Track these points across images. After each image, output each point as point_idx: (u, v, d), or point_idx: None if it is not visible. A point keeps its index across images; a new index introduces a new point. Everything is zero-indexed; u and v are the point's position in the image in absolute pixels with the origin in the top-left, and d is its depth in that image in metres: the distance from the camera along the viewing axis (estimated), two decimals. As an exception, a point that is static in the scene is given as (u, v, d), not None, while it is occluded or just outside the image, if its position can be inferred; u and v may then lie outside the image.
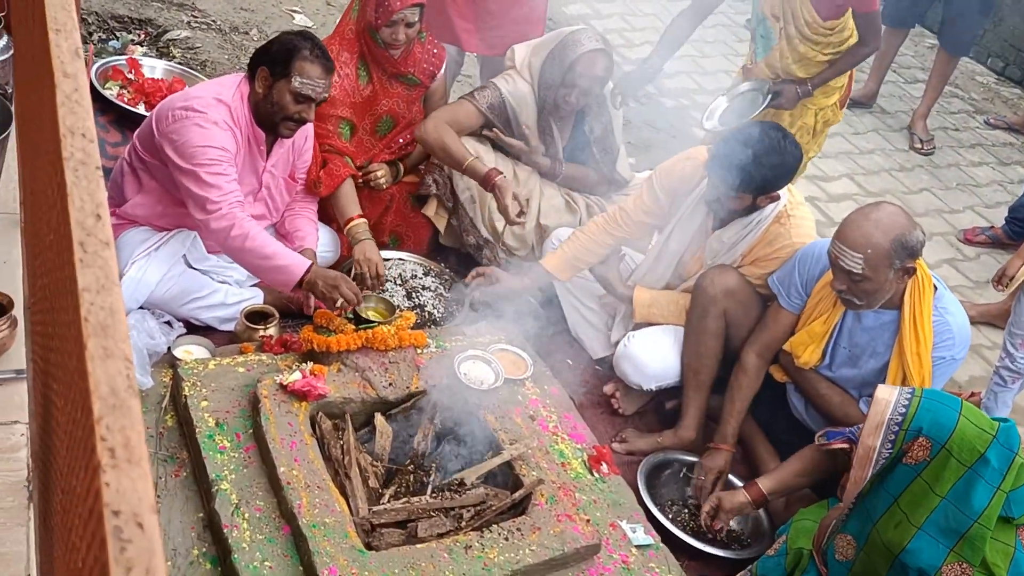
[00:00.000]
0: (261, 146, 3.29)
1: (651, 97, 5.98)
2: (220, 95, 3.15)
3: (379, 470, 2.81)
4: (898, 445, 2.37)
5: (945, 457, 2.31)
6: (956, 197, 5.87)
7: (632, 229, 3.57)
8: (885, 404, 2.41)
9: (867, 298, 2.92)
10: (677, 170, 3.45)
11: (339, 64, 3.64)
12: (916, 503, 2.36)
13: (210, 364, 2.92)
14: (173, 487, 2.62)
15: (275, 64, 3.12)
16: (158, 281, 3.20)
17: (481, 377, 3.15)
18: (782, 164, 3.13)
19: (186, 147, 3.05)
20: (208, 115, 3.07)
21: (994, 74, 7.82)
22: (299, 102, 3.13)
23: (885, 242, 2.81)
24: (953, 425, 2.32)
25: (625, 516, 2.98)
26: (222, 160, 3.08)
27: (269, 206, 3.47)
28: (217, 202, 3.05)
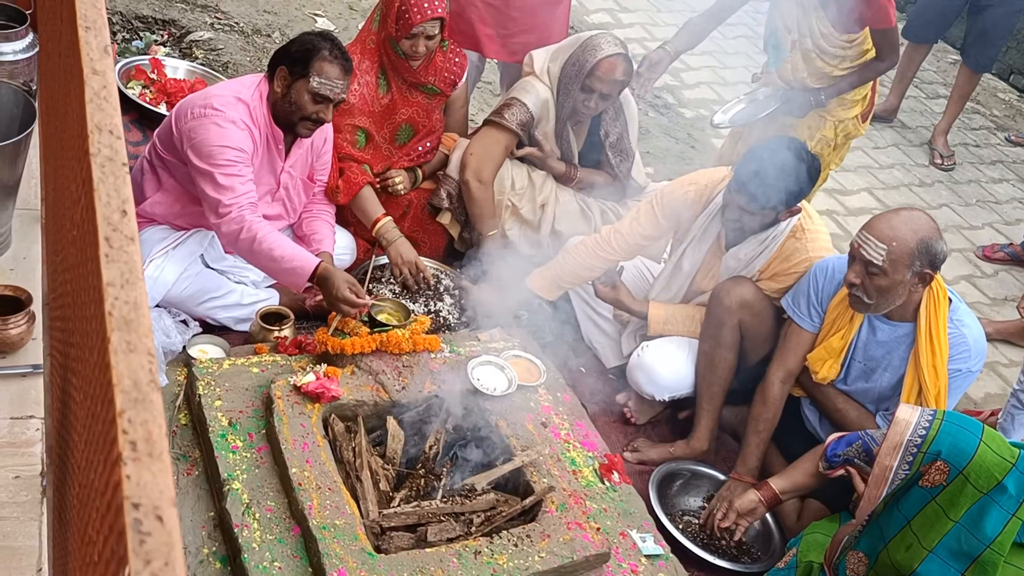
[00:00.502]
0: (280, 145, 3.30)
1: (670, 108, 5.98)
2: (240, 94, 3.16)
3: (390, 473, 2.81)
4: (915, 467, 2.35)
5: (962, 483, 2.29)
6: (975, 213, 5.84)
7: (627, 251, 3.57)
8: (905, 425, 2.39)
9: (877, 297, 2.90)
10: (679, 195, 3.45)
11: (359, 72, 3.66)
12: (929, 526, 2.34)
13: (224, 364, 2.93)
14: (185, 485, 2.63)
15: (294, 63, 3.13)
16: (175, 280, 3.22)
17: (494, 383, 3.15)
18: (803, 177, 3.12)
19: (203, 146, 3.06)
20: (226, 114, 3.09)
21: (1016, 91, 7.79)
22: (317, 102, 3.15)
23: (912, 240, 2.80)
24: (973, 451, 2.29)
25: (635, 525, 2.97)
26: (238, 161, 3.09)
27: (287, 206, 3.48)
28: (228, 205, 3.07)
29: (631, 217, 3.56)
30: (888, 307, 2.95)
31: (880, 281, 2.85)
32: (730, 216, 3.24)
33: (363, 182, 3.68)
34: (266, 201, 3.35)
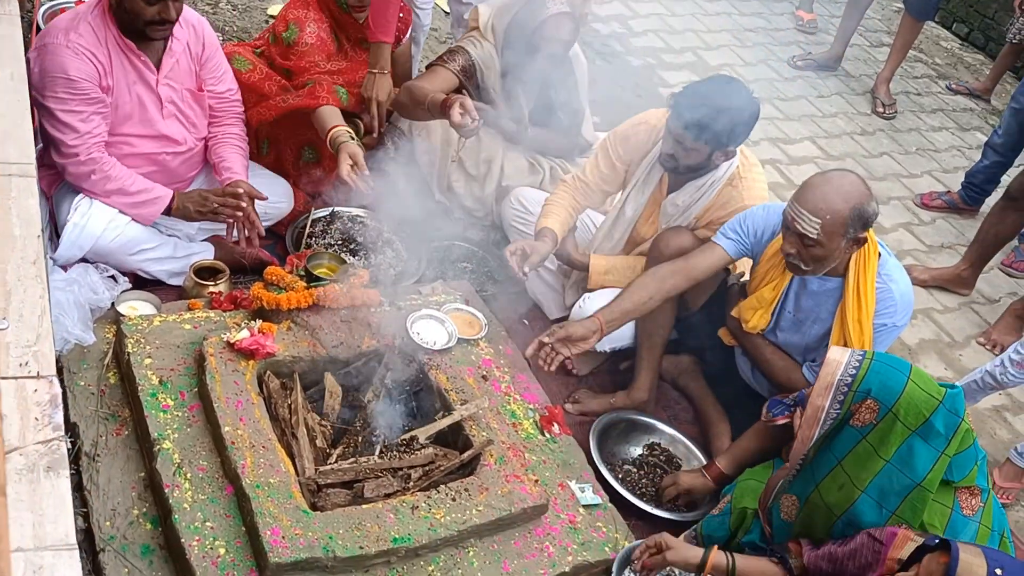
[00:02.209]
0: (142, 58, 3.12)
1: (618, 55, 5.92)
2: (79, 13, 3.01)
3: (327, 430, 2.79)
4: (846, 406, 2.39)
5: (891, 420, 2.33)
6: (915, 162, 5.90)
7: (595, 199, 3.55)
8: (836, 365, 2.42)
9: (814, 264, 2.91)
10: (631, 135, 3.42)
11: (311, 22, 3.58)
12: (860, 466, 2.38)
13: (155, 320, 2.86)
14: (114, 446, 2.58)
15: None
16: (103, 228, 3.12)
17: (434, 336, 3.13)
18: (739, 116, 3.10)
19: (41, 78, 2.94)
20: (58, 39, 2.95)
21: (958, 39, 7.84)
22: (152, 3, 2.97)
23: (844, 209, 2.79)
24: (901, 388, 2.33)
25: (575, 476, 2.99)
26: (75, 95, 2.96)
27: (183, 121, 3.33)
28: (72, 145, 2.99)
29: (590, 164, 3.54)
30: (824, 270, 2.96)
31: (816, 251, 2.86)
32: (666, 150, 3.22)
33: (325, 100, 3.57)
34: (157, 120, 3.22)
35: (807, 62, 6.52)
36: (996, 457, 3.86)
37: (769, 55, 6.57)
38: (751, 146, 5.32)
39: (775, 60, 6.53)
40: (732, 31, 6.71)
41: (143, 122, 3.19)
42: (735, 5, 7.08)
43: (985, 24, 7.69)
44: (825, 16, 7.27)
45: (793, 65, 6.50)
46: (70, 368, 2.74)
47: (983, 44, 7.73)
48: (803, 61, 6.52)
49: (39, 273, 2.27)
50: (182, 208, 3.21)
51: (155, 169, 3.29)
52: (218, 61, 3.40)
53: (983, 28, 7.72)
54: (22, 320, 2.16)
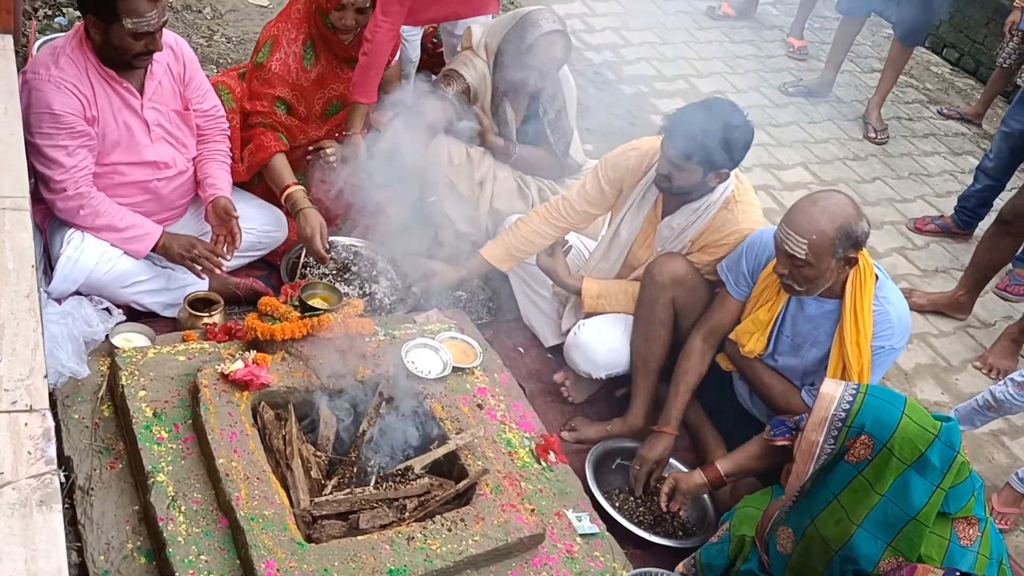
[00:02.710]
0: (125, 85, 3.13)
1: (611, 84, 5.96)
2: (58, 47, 3.03)
3: (322, 461, 2.78)
4: (840, 442, 2.38)
5: (887, 456, 2.32)
6: (908, 186, 5.92)
7: (576, 220, 3.56)
8: (830, 400, 2.41)
9: (807, 284, 2.93)
10: (622, 161, 3.44)
11: (285, 42, 3.58)
12: (857, 500, 2.37)
13: (149, 352, 2.86)
14: (108, 479, 2.57)
15: (100, 9, 2.93)
16: (96, 261, 3.13)
17: (428, 366, 3.12)
18: (732, 138, 3.13)
19: (26, 114, 2.95)
20: (40, 75, 2.97)
21: (949, 64, 7.90)
22: (140, 38, 2.98)
23: (831, 230, 2.82)
24: (896, 423, 2.32)
25: (571, 505, 2.98)
26: (61, 130, 2.98)
27: (173, 143, 3.33)
28: (60, 181, 3.01)
29: (579, 185, 3.57)
30: (819, 290, 2.98)
31: (806, 272, 2.88)
32: (660, 171, 3.23)
33: (275, 149, 3.57)
34: (146, 145, 3.23)
35: (798, 88, 6.56)
36: (994, 482, 3.85)
37: (760, 82, 6.61)
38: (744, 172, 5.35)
39: (766, 87, 6.57)
40: (723, 58, 6.76)
41: (131, 149, 3.20)
42: (726, 33, 7.14)
43: (975, 49, 7.75)
44: (816, 43, 7.33)
45: (784, 91, 6.54)
46: (64, 401, 2.74)
47: (973, 69, 7.79)
48: (794, 87, 6.57)
49: (32, 306, 2.28)
50: (167, 248, 3.24)
51: (147, 198, 3.29)
52: (200, 80, 3.42)
53: (973, 53, 7.78)
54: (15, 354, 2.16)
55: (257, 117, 3.60)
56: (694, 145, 3.09)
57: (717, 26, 7.18)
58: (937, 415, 2.39)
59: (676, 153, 3.13)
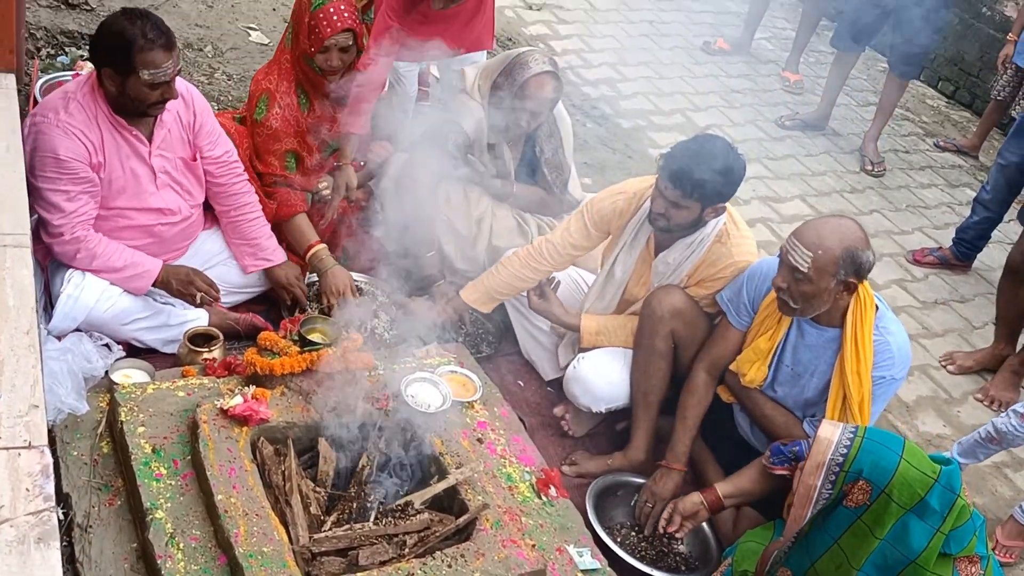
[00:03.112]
0: (134, 133, 3.16)
1: (608, 118, 6.00)
2: (68, 92, 3.07)
3: (321, 496, 2.77)
4: (838, 486, 2.36)
5: (885, 501, 2.31)
6: (906, 218, 5.94)
7: (559, 262, 3.58)
8: (827, 444, 2.40)
9: (802, 302, 2.94)
10: (609, 205, 3.47)
11: (279, 94, 3.63)
12: (857, 545, 2.35)
13: (148, 388, 2.86)
14: (107, 516, 2.56)
15: (117, 62, 2.97)
16: (96, 299, 3.13)
17: (428, 400, 3.11)
18: (728, 172, 3.15)
19: (31, 157, 2.98)
20: (49, 119, 2.99)
21: (944, 97, 7.96)
22: (157, 88, 3.02)
23: (837, 248, 2.84)
24: (894, 468, 2.31)
25: (573, 540, 2.96)
26: (63, 175, 3.00)
27: (179, 191, 3.35)
28: (58, 226, 3.04)
29: (562, 227, 3.57)
30: (813, 312, 2.98)
31: (805, 287, 2.89)
32: (656, 210, 3.25)
33: (299, 208, 3.65)
34: (151, 192, 3.25)
35: (795, 122, 6.61)
36: (997, 514, 3.83)
37: (757, 115, 6.66)
38: (741, 205, 5.39)
39: (763, 120, 6.62)
40: (720, 92, 6.81)
41: (137, 195, 3.22)
42: (722, 67, 7.20)
43: (970, 82, 7.82)
44: (811, 77, 7.39)
45: (781, 125, 6.58)
46: (63, 438, 2.73)
47: (969, 102, 7.85)
48: (791, 121, 6.61)
49: (32, 343, 2.28)
50: (166, 282, 3.26)
51: (151, 240, 3.32)
52: (211, 126, 3.44)
53: (968, 86, 7.84)
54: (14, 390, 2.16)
55: (271, 179, 3.64)
56: (692, 182, 3.11)
57: (713, 61, 7.24)
58: (936, 456, 2.38)
59: (675, 191, 3.14)
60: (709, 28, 7.76)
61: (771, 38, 7.91)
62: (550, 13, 7.13)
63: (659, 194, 3.22)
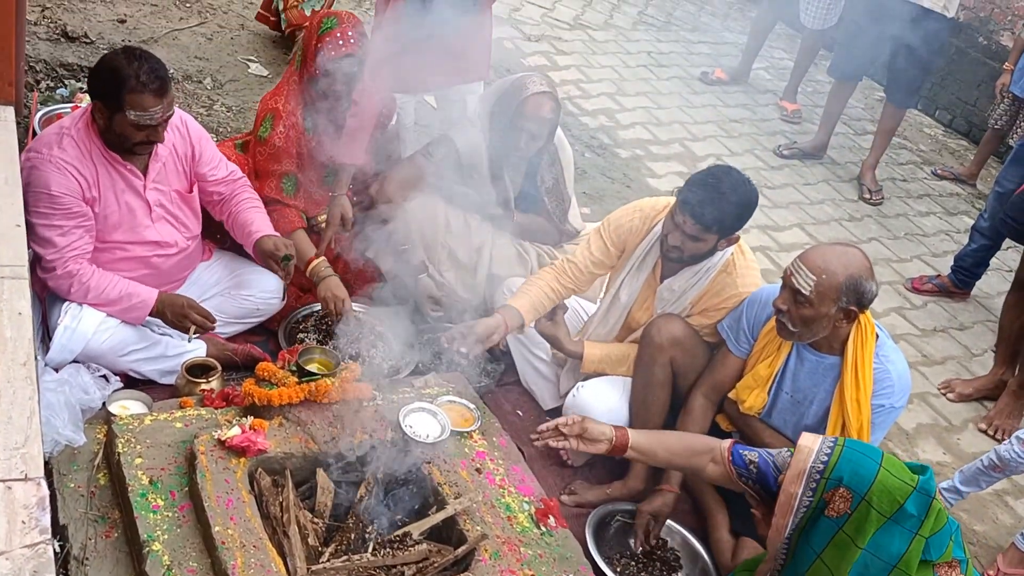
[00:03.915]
0: (129, 166, 3.18)
1: (606, 148, 6.03)
2: (63, 126, 3.08)
3: (319, 527, 2.75)
4: (819, 494, 2.37)
5: (866, 509, 2.31)
6: (904, 246, 5.96)
7: (581, 282, 3.58)
8: (808, 452, 2.41)
9: (801, 327, 2.94)
10: (627, 223, 3.47)
11: (285, 114, 3.64)
12: (840, 557, 2.35)
13: (146, 419, 2.85)
14: (103, 549, 2.54)
15: (107, 97, 2.99)
16: (94, 330, 3.14)
17: (426, 430, 3.10)
18: (745, 203, 3.18)
19: (27, 193, 2.98)
20: (43, 155, 3.01)
21: (942, 126, 8.00)
22: (142, 130, 3.04)
23: (841, 275, 2.85)
24: (873, 476, 2.32)
25: (572, 570, 2.94)
26: (56, 210, 3.01)
27: (174, 223, 3.37)
28: (51, 260, 3.04)
29: (584, 248, 3.57)
30: (812, 338, 2.98)
31: (805, 311, 2.89)
32: (672, 243, 3.25)
33: (296, 225, 3.65)
34: (146, 225, 3.27)
35: (793, 151, 6.64)
36: (999, 542, 3.81)
37: (755, 144, 6.70)
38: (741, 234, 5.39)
39: (761, 149, 6.66)
40: (718, 122, 6.85)
41: (132, 229, 3.24)
42: (720, 97, 7.25)
43: (967, 110, 7.87)
44: (809, 106, 7.44)
45: (779, 154, 6.62)
46: (60, 469, 2.72)
47: (966, 130, 7.89)
48: (789, 150, 6.65)
49: (29, 374, 2.28)
50: (160, 313, 3.25)
51: (148, 272, 3.33)
52: (211, 153, 3.46)
53: (966, 114, 7.89)
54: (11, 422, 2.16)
55: (268, 196, 3.66)
56: (712, 216, 3.13)
57: (710, 90, 7.29)
58: (912, 464, 2.39)
59: (695, 225, 3.15)
60: (707, 59, 7.83)
61: (769, 68, 7.96)
62: (549, 44, 7.19)
63: (676, 227, 3.22)
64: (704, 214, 3.12)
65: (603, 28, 7.86)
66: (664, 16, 8.53)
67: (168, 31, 5.67)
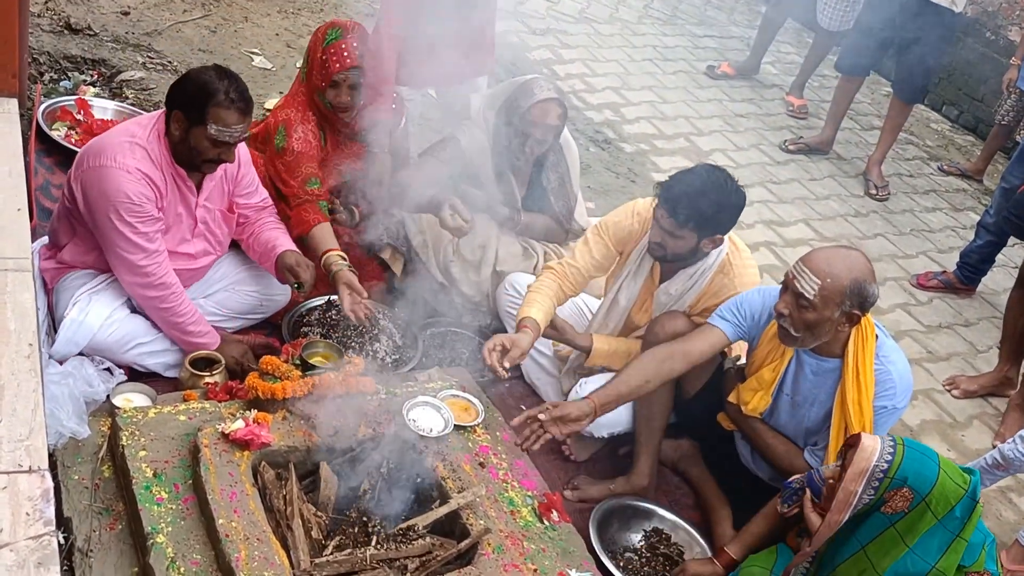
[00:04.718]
0: (188, 182, 3.21)
1: (611, 142, 6.02)
2: (135, 137, 3.07)
3: (323, 521, 2.75)
4: (880, 492, 2.38)
5: (923, 510, 2.34)
6: (910, 242, 5.94)
7: (581, 285, 3.56)
8: (871, 451, 2.42)
9: (804, 331, 2.92)
10: (625, 225, 3.46)
11: (298, 123, 3.63)
12: (884, 552, 2.37)
13: (150, 412, 2.85)
14: (107, 541, 2.54)
15: (190, 109, 3.01)
16: (100, 324, 3.14)
17: (430, 424, 3.10)
18: (725, 203, 3.15)
19: (101, 200, 2.98)
20: (121, 163, 3.00)
21: (948, 121, 7.98)
22: (217, 147, 3.06)
23: (846, 278, 2.82)
24: (935, 478, 2.35)
25: (575, 565, 2.93)
26: (142, 217, 3.02)
27: (210, 240, 3.39)
28: (145, 265, 3.04)
29: (584, 251, 3.52)
30: (814, 342, 2.96)
31: (808, 315, 2.87)
32: (653, 239, 3.24)
33: (315, 221, 3.62)
34: (186, 239, 3.29)
35: (799, 146, 6.63)
36: (1002, 539, 3.80)
37: (761, 139, 6.68)
38: (745, 229, 5.39)
39: (767, 144, 6.64)
40: (723, 117, 6.84)
41: (174, 240, 3.25)
42: (725, 92, 7.23)
43: (974, 106, 7.84)
44: (815, 101, 7.42)
45: (785, 149, 6.60)
46: (64, 462, 2.72)
47: (973, 125, 7.87)
48: (795, 145, 6.63)
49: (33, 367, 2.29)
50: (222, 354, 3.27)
51: None
52: (251, 176, 3.48)
53: (972, 110, 7.86)
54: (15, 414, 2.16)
55: (294, 200, 3.65)
56: (686, 212, 3.10)
57: (716, 85, 7.27)
58: (963, 467, 2.40)
59: (669, 220, 3.14)
60: (713, 53, 7.81)
61: (776, 63, 7.94)
62: (554, 38, 7.17)
63: (656, 223, 3.22)
64: (677, 210, 3.11)
65: (609, 22, 7.84)
66: (670, 10, 8.51)
67: (172, 23, 5.66)
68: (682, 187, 3.12)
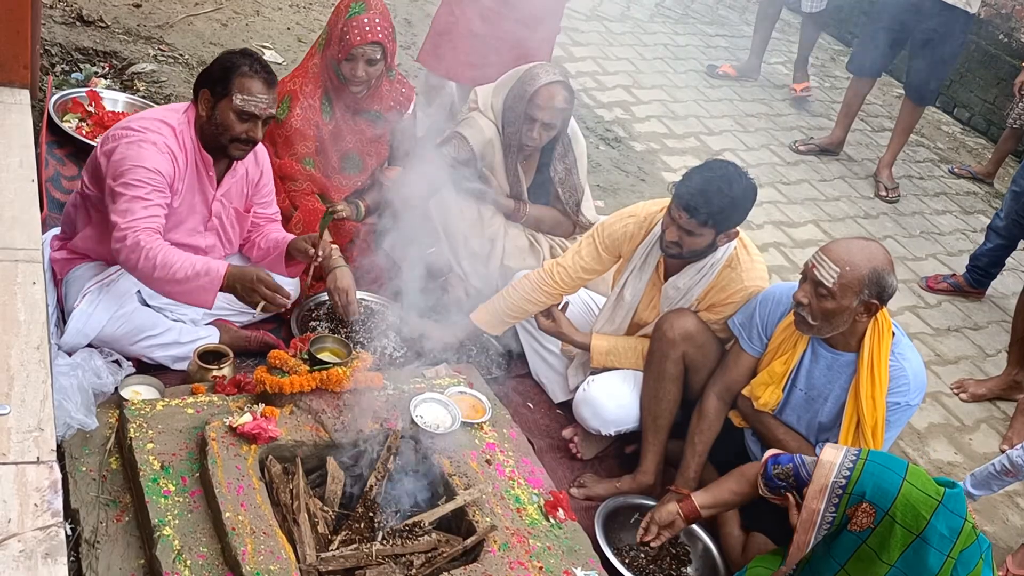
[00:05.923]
0: (210, 172, 3.21)
1: (621, 141, 6.01)
2: (166, 118, 3.10)
3: (329, 515, 2.76)
4: (841, 509, 2.34)
5: (889, 524, 2.29)
6: (919, 245, 5.92)
7: (570, 286, 3.56)
8: (830, 467, 2.39)
9: (821, 320, 2.91)
10: (620, 229, 3.46)
11: (303, 96, 3.65)
12: (863, 570, 2.33)
13: (158, 405, 2.86)
14: (114, 532, 2.55)
15: (215, 83, 3.05)
16: (109, 317, 3.14)
17: (437, 420, 3.11)
18: (740, 197, 3.15)
19: (116, 165, 2.98)
20: (145, 135, 3.01)
21: (960, 124, 7.95)
22: (244, 120, 3.06)
23: (865, 267, 2.83)
24: (896, 490, 2.29)
25: (580, 563, 2.94)
26: (147, 183, 2.99)
27: (221, 236, 3.39)
28: (123, 229, 2.94)
29: (573, 251, 3.56)
30: (831, 331, 2.96)
31: (827, 304, 2.87)
32: (669, 239, 3.24)
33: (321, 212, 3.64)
34: (198, 231, 3.29)
35: (809, 147, 6.61)
36: (1009, 543, 3.79)
37: (771, 140, 6.67)
38: (755, 230, 5.38)
39: (777, 144, 6.62)
40: (733, 116, 6.82)
41: (186, 231, 3.25)
42: (736, 91, 7.21)
43: (986, 109, 7.81)
44: (826, 101, 7.40)
45: (795, 149, 6.59)
46: (72, 453, 2.73)
47: (984, 128, 7.84)
48: (805, 146, 6.61)
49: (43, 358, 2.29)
50: (231, 287, 3.08)
51: None
52: (270, 186, 3.50)
53: (984, 113, 7.83)
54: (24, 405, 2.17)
55: (289, 182, 3.65)
56: (708, 210, 3.10)
57: (727, 84, 7.26)
58: (940, 479, 2.36)
59: (690, 220, 3.13)
60: (724, 52, 7.79)
61: (786, 62, 7.92)
62: (565, 36, 7.16)
63: (672, 222, 3.20)
64: (699, 208, 3.10)
65: (620, 20, 7.83)
66: (682, 8, 8.49)
67: (183, 16, 5.67)
68: (699, 185, 3.12)
